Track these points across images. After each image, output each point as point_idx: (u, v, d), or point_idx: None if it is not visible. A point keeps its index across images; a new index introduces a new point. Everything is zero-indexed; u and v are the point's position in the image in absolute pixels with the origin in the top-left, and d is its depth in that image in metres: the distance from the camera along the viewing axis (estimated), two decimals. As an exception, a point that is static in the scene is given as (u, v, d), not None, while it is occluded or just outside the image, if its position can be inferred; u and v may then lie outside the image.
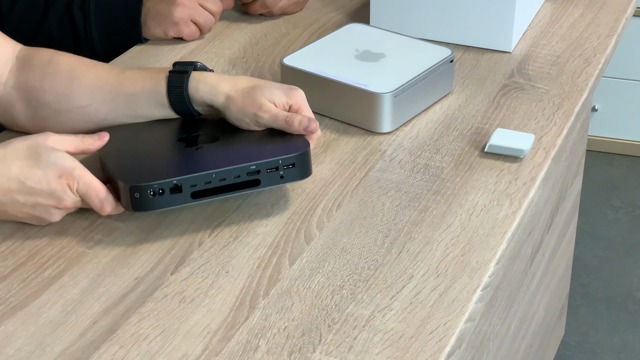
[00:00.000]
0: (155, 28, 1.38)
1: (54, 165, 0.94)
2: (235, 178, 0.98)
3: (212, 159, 1.00)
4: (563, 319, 2.00)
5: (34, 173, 0.94)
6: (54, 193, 0.94)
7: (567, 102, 1.22)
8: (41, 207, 0.95)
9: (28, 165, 0.94)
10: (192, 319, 0.88)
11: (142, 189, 0.94)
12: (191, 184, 0.96)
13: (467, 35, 1.36)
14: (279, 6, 1.46)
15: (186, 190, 0.96)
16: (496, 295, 1.24)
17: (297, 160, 0.99)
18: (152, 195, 0.95)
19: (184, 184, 0.96)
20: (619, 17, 1.45)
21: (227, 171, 0.97)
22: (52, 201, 0.95)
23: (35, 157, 0.94)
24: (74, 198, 0.96)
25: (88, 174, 0.95)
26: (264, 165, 0.98)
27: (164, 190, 0.95)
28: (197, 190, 0.97)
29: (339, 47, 1.25)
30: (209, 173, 0.97)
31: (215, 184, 0.97)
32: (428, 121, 1.19)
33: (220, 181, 0.97)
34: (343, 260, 0.95)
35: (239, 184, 0.98)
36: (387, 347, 0.85)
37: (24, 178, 0.94)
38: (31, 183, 0.94)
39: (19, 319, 0.89)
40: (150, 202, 0.95)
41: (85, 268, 0.95)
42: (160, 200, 0.95)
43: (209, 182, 0.97)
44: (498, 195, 1.05)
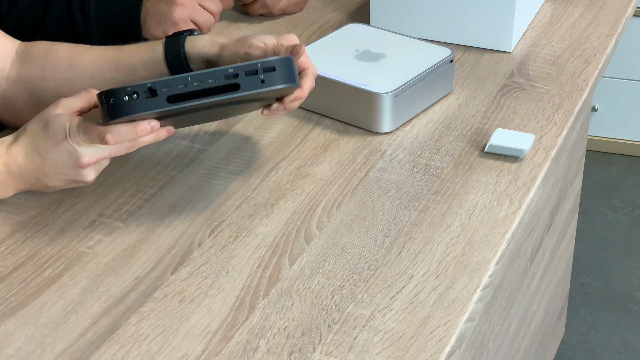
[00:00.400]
0: (155, 28, 1.37)
1: (58, 131, 0.95)
2: (213, 81, 0.95)
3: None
4: (563, 319, 2.00)
5: (47, 144, 0.96)
6: (69, 155, 0.95)
7: (567, 102, 1.22)
8: (69, 170, 0.97)
9: (41, 138, 0.96)
10: (192, 319, 0.88)
11: (116, 93, 0.93)
12: (166, 87, 0.94)
13: (467, 35, 1.36)
14: (279, 6, 1.46)
15: (161, 95, 0.94)
16: (496, 295, 1.24)
17: (277, 64, 0.97)
18: (127, 100, 0.93)
19: (158, 87, 0.94)
20: (619, 17, 1.44)
21: (204, 74, 0.95)
22: (73, 162, 0.96)
23: (45, 128, 0.96)
24: (88, 150, 0.96)
25: (82, 122, 0.95)
26: (242, 69, 0.96)
27: (138, 93, 0.93)
28: (173, 94, 0.94)
29: (339, 47, 1.25)
30: (184, 76, 0.95)
31: (191, 88, 0.95)
32: (428, 121, 1.19)
33: (197, 84, 0.95)
34: (343, 260, 0.95)
35: (217, 88, 0.95)
36: (387, 347, 0.85)
37: (42, 151, 0.96)
38: (49, 155, 0.95)
39: (19, 319, 0.89)
40: (124, 106, 0.93)
41: (85, 268, 0.95)
42: (135, 104, 0.93)
43: (184, 85, 0.95)
44: (498, 195, 1.05)
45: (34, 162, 0.96)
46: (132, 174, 1.09)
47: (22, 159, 0.96)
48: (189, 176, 1.09)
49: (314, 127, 1.18)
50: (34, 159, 0.96)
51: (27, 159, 0.96)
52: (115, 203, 1.05)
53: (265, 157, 1.12)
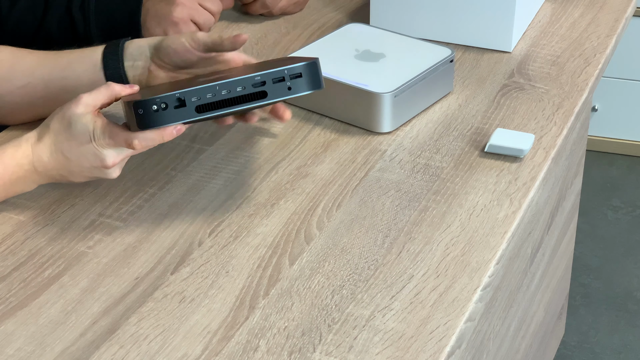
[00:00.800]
0: (154, 28, 1.37)
1: (82, 133, 0.96)
2: (241, 90, 0.96)
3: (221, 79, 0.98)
4: (563, 319, 2.00)
5: (71, 145, 0.96)
6: (96, 156, 0.96)
7: (567, 102, 1.22)
8: (94, 169, 0.98)
9: (65, 139, 0.97)
10: (192, 319, 0.88)
11: (145, 104, 0.93)
12: (194, 96, 0.94)
13: (467, 35, 1.36)
14: (278, 6, 1.46)
15: (190, 104, 0.94)
16: (496, 295, 1.24)
17: (304, 70, 0.97)
18: (156, 111, 0.93)
19: (187, 97, 0.94)
20: (619, 17, 1.45)
21: (231, 82, 0.96)
22: (98, 163, 0.97)
23: (68, 128, 0.96)
24: (112, 152, 0.96)
25: (107, 125, 0.96)
26: (269, 76, 0.97)
27: (167, 104, 0.94)
28: (202, 103, 0.95)
29: (339, 47, 1.25)
30: (212, 85, 0.95)
31: (219, 97, 0.95)
32: (428, 121, 1.19)
33: (225, 93, 0.95)
34: (343, 260, 0.95)
35: (245, 96, 0.96)
36: (387, 347, 0.85)
37: (66, 152, 0.97)
38: (73, 155, 0.97)
39: (19, 319, 0.89)
40: (154, 117, 0.94)
41: (85, 268, 0.95)
42: (164, 115, 0.94)
43: (213, 94, 0.95)
44: (498, 195, 1.05)
45: (59, 162, 0.98)
46: (132, 174, 1.09)
47: (47, 158, 0.98)
48: (189, 176, 1.09)
49: (314, 127, 1.18)
50: (58, 159, 0.97)
51: (51, 158, 0.98)
52: (115, 203, 1.05)
53: (265, 157, 1.12)
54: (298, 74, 0.97)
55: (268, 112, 1.09)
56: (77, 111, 0.96)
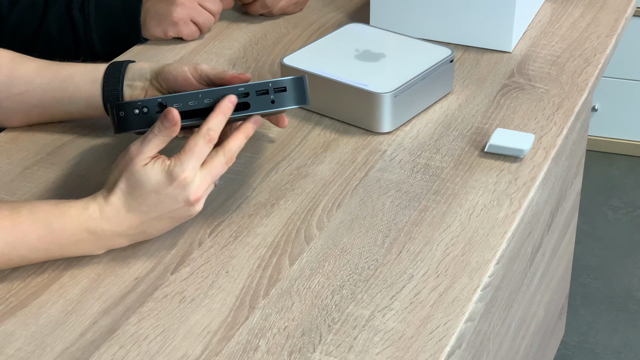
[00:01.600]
0: (154, 28, 1.38)
1: (158, 184, 0.92)
2: (219, 97, 0.96)
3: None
4: (563, 319, 2.00)
5: (149, 199, 0.92)
6: (177, 198, 0.93)
7: (567, 102, 1.22)
8: (178, 212, 0.94)
9: (140, 196, 0.92)
10: (192, 319, 0.88)
11: (127, 107, 0.93)
12: (177, 103, 0.94)
13: (467, 35, 1.36)
14: (278, 6, 1.46)
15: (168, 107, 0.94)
16: (496, 295, 1.24)
17: (288, 84, 0.98)
18: (137, 114, 0.94)
19: (168, 102, 0.94)
20: (619, 17, 1.45)
21: (214, 91, 0.96)
22: (181, 203, 0.93)
23: (139, 187, 0.92)
24: (196, 184, 0.93)
25: (185, 159, 0.93)
26: (252, 88, 0.97)
27: (148, 108, 0.94)
28: (183, 110, 0.95)
29: (339, 47, 1.25)
30: (194, 92, 0.95)
31: (201, 105, 0.96)
32: (428, 121, 1.19)
33: (207, 102, 0.96)
34: (343, 260, 0.95)
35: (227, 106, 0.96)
36: (387, 347, 0.85)
37: (145, 207, 0.92)
38: (154, 207, 0.93)
39: (19, 319, 0.89)
40: (135, 120, 0.94)
41: (85, 268, 0.95)
42: (145, 118, 0.94)
43: (195, 102, 0.95)
44: (498, 195, 1.05)
45: (139, 219, 0.93)
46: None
47: (122, 219, 0.93)
48: (189, 176, 1.09)
49: (314, 127, 1.18)
50: (137, 217, 0.93)
51: (127, 218, 0.93)
52: (115, 203, 1.05)
53: (265, 157, 1.12)
54: (282, 88, 0.98)
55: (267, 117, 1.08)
56: (138, 168, 0.92)
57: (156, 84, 1.09)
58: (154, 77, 1.09)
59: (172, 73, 1.07)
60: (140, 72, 1.10)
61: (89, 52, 1.37)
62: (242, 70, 1.32)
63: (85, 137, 1.16)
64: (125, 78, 1.10)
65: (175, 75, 1.07)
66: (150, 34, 1.38)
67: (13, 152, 1.14)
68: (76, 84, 1.11)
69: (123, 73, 1.10)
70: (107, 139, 1.16)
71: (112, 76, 1.10)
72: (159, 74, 1.08)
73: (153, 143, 0.93)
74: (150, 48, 1.38)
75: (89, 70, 1.12)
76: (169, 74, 1.07)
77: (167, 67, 1.08)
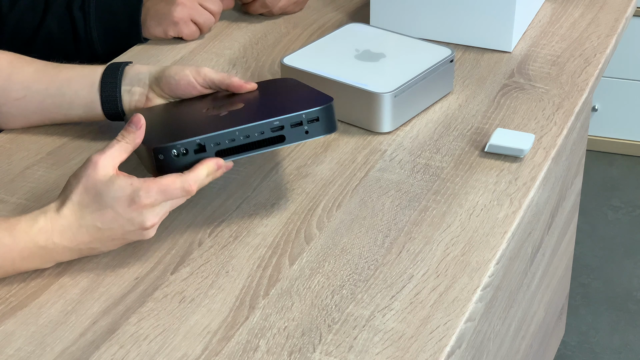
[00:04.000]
0: (155, 28, 1.38)
1: (118, 199, 0.90)
2: (260, 135, 0.96)
3: (236, 120, 0.98)
4: (563, 319, 2.00)
5: (105, 215, 0.90)
6: (133, 221, 0.91)
7: (567, 102, 1.22)
8: (130, 234, 0.92)
9: (96, 210, 0.90)
10: (192, 319, 0.88)
11: (166, 150, 0.92)
12: (215, 142, 0.94)
13: (467, 35, 1.36)
14: (278, 6, 1.46)
15: (210, 150, 0.94)
16: (496, 295, 1.24)
17: (320, 114, 0.98)
18: (176, 156, 0.93)
19: (207, 143, 0.94)
20: (619, 17, 1.45)
21: (251, 127, 0.96)
22: (136, 227, 0.91)
23: (98, 199, 0.90)
24: (154, 212, 0.91)
25: (151, 182, 0.91)
26: (287, 121, 0.97)
27: (187, 150, 0.93)
28: (222, 149, 0.95)
29: (339, 47, 1.25)
30: (232, 130, 0.95)
31: (239, 142, 0.95)
32: (428, 121, 1.19)
33: (245, 138, 0.95)
34: (343, 260, 0.95)
35: (264, 140, 0.97)
36: (387, 347, 0.85)
37: (100, 224, 0.91)
38: (108, 225, 0.91)
39: (19, 319, 0.89)
40: (175, 163, 0.93)
41: (85, 268, 0.95)
42: (185, 160, 0.93)
43: (232, 139, 0.95)
44: (498, 195, 1.05)
45: (91, 235, 0.91)
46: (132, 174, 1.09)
47: (74, 234, 0.91)
48: (189, 176, 1.09)
49: (314, 127, 1.18)
50: (90, 233, 0.91)
51: (80, 233, 0.91)
52: (115, 203, 1.05)
53: (265, 157, 1.12)
54: (315, 118, 0.98)
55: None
56: (101, 178, 0.90)
57: (157, 88, 1.07)
58: (154, 82, 1.08)
59: (174, 77, 1.06)
60: (139, 77, 1.08)
61: (89, 51, 1.37)
62: (242, 70, 1.32)
63: (85, 137, 1.16)
64: (123, 83, 1.09)
65: (177, 79, 1.06)
66: (150, 33, 1.38)
67: (13, 152, 1.14)
68: (74, 90, 1.10)
69: (120, 78, 1.08)
70: (107, 139, 1.16)
71: (109, 81, 1.09)
72: (159, 78, 1.07)
73: (116, 149, 0.92)
74: (151, 48, 1.38)
75: (86, 74, 1.10)
76: (171, 79, 1.06)
77: (168, 70, 1.07)
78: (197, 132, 0.95)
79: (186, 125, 1.02)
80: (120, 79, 1.08)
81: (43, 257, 0.91)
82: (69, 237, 0.91)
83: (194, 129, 0.98)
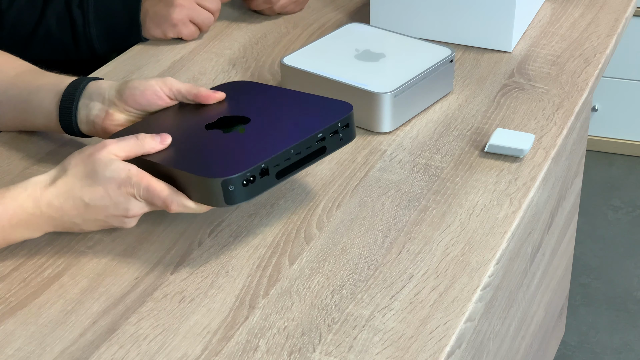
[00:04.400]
0: (154, 29, 1.38)
1: (110, 179, 0.91)
2: (308, 149, 0.95)
3: (270, 137, 0.96)
4: (563, 319, 2.00)
5: (95, 191, 0.91)
6: (118, 205, 0.92)
7: (567, 102, 1.22)
8: (113, 219, 0.93)
9: (88, 185, 0.91)
10: (192, 318, 0.88)
11: (236, 181, 0.90)
12: (275, 163, 0.92)
13: (467, 35, 1.36)
14: (280, 3, 1.46)
15: (272, 172, 0.92)
16: (496, 295, 1.24)
17: (349, 120, 0.98)
18: (245, 185, 0.91)
19: (270, 165, 0.92)
20: (619, 17, 1.45)
21: (302, 143, 0.94)
22: (120, 212, 0.92)
23: (93, 174, 0.91)
24: (140, 204, 0.92)
25: (145, 177, 0.92)
26: (327, 131, 0.96)
27: (254, 176, 0.91)
28: (280, 169, 0.93)
29: (339, 47, 1.25)
30: (287, 150, 0.93)
31: (293, 159, 0.94)
32: (428, 121, 1.19)
33: (296, 155, 0.94)
34: (343, 260, 0.95)
35: (311, 154, 0.96)
36: (387, 347, 0.85)
37: (87, 199, 0.91)
38: (95, 202, 0.91)
39: (19, 318, 0.89)
40: (244, 191, 0.91)
41: (85, 268, 0.95)
42: (253, 187, 0.91)
43: (288, 158, 0.93)
44: (498, 195, 1.05)
45: (76, 209, 0.92)
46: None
47: (60, 204, 0.92)
48: (188, 176, 1.09)
49: (314, 127, 1.18)
50: (76, 206, 0.92)
51: (67, 204, 0.91)
52: (115, 203, 1.04)
53: (265, 157, 1.12)
54: (346, 124, 0.98)
55: None
56: (102, 157, 0.91)
57: (119, 103, 1.03)
58: (116, 96, 1.04)
59: (138, 88, 1.03)
60: (99, 92, 1.05)
61: (88, 49, 1.36)
62: (242, 70, 1.32)
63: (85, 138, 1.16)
64: (83, 97, 1.05)
65: (142, 90, 1.03)
66: (149, 34, 1.38)
67: (13, 152, 1.14)
68: (40, 98, 1.08)
69: (81, 92, 1.05)
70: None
71: (68, 93, 1.06)
72: (121, 91, 1.03)
73: (131, 144, 0.93)
74: (150, 48, 1.38)
75: (55, 84, 1.08)
76: (135, 90, 1.03)
77: (132, 82, 1.04)
78: (249, 155, 0.93)
79: (224, 149, 0.97)
80: (80, 92, 1.05)
81: (31, 224, 0.92)
82: (56, 206, 0.92)
83: (240, 153, 0.95)
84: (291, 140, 0.94)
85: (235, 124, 0.99)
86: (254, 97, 1.06)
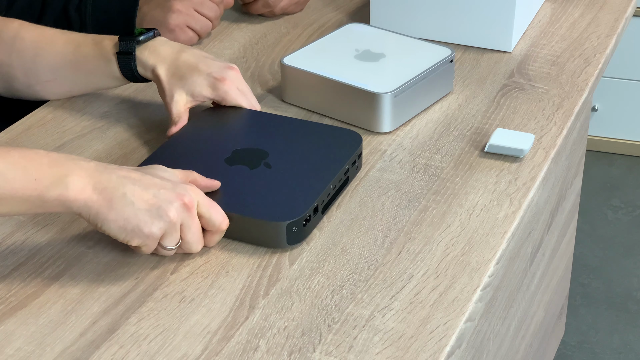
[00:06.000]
0: (151, 34, 1.37)
1: (162, 178, 0.91)
2: (339, 182, 1.01)
3: (307, 174, 1.00)
4: (563, 319, 2.00)
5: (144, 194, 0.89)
6: (177, 185, 0.91)
7: (567, 102, 1.22)
8: (164, 193, 0.89)
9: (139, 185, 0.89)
10: (192, 318, 0.88)
11: (298, 222, 0.94)
12: (322, 200, 0.98)
13: (467, 35, 1.36)
14: (280, 6, 1.46)
15: (319, 208, 0.98)
16: (496, 295, 1.24)
17: (361, 149, 1.06)
18: (304, 225, 0.95)
19: (319, 203, 0.97)
20: (619, 17, 1.45)
21: (335, 178, 1.00)
22: (174, 193, 0.90)
23: (148, 176, 0.91)
24: (194, 199, 0.91)
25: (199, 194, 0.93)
26: (350, 162, 1.03)
27: (310, 215, 0.96)
28: (325, 204, 0.99)
29: (339, 47, 1.25)
30: (329, 185, 0.99)
31: (332, 194, 1.00)
32: (428, 121, 1.19)
33: (334, 189, 1.00)
34: (343, 260, 0.95)
35: (340, 187, 1.02)
36: (387, 347, 0.85)
37: (131, 197, 0.88)
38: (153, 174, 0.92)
39: (19, 318, 0.89)
40: (303, 231, 0.95)
41: (85, 268, 0.95)
42: (309, 226, 0.96)
43: (329, 193, 0.99)
44: (498, 195, 1.05)
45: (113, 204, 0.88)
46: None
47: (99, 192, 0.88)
48: (189, 176, 1.09)
49: (314, 127, 1.18)
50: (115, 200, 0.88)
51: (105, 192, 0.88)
52: (115, 203, 1.04)
53: (265, 157, 1.12)
54: (360, 154, 1.05)
55: None
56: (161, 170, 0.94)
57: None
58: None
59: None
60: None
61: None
62: (242, 70, 1.32)
63: (85, 137, 1.16)
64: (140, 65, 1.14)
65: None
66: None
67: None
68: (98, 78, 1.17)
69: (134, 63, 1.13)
70: (107, 139, 1.16)
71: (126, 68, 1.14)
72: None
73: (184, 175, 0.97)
74: (150, 48, 1.38)
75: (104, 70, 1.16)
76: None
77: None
78: (296, 194, 0.97)
79: (262, 188, 0.98)
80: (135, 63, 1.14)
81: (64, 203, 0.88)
82: (99, 189, 0.88)
83: (287, 192, 0.97)
84: (328, 175, 0.99)
85: (251, 157, 1.02)
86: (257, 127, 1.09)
